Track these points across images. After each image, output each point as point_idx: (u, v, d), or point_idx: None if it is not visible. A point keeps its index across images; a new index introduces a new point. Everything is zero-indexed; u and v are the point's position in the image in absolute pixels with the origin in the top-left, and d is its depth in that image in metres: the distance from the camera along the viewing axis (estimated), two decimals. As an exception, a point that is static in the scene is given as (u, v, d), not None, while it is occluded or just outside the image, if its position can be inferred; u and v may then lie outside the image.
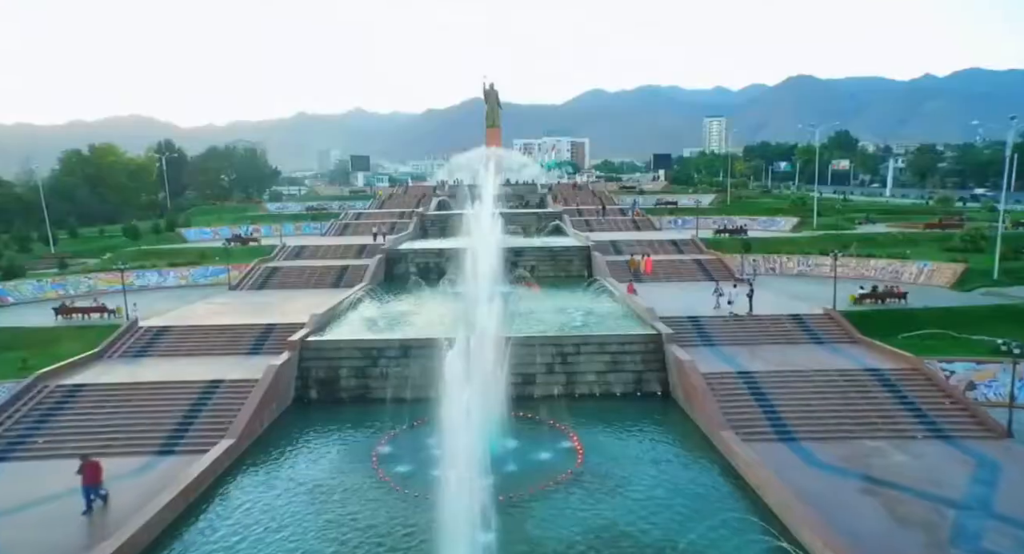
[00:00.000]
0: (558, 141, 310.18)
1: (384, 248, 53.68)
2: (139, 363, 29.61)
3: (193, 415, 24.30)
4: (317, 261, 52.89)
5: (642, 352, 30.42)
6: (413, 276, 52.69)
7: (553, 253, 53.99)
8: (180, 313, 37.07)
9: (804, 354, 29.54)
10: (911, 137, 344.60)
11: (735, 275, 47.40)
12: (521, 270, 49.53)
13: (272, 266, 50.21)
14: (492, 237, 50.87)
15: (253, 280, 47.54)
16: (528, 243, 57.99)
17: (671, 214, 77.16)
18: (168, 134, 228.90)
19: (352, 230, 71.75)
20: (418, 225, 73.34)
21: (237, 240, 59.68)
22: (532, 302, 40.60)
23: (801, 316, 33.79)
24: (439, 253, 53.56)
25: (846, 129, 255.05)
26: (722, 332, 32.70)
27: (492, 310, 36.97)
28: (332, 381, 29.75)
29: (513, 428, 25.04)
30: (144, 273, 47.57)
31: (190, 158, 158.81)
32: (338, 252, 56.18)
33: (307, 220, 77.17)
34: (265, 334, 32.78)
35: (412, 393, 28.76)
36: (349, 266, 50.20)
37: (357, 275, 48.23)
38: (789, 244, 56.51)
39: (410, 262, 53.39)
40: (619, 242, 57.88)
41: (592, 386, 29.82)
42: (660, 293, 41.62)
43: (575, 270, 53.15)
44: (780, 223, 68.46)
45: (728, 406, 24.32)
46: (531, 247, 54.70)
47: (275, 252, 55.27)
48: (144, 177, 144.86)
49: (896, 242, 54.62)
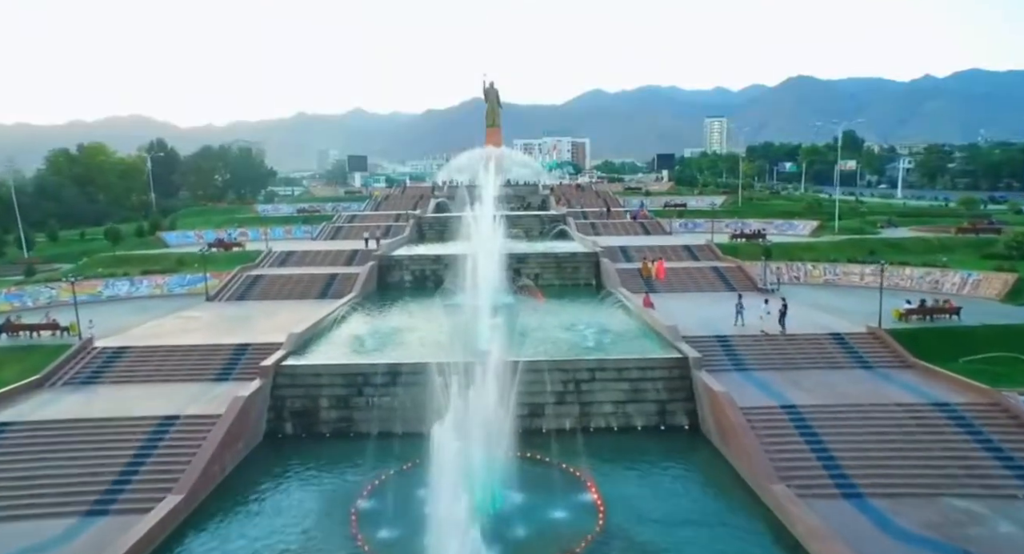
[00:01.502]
0: (559, 141, 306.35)
1: (377, 254, 49.85)
2: (86, 393, 25.73)
3: (139, 461, 20.47)
4: (304, 269, 49.02)
5: (666, 379, 26.63)
6: (408, 285, 49.08)
7: (558, 260, 50.18)
8: (145, 330, 33.17)
9: (852, 382, 25.73)
10: (911, 137, 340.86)
11: (757, 285, 43.63)
12: (524, 279, 45.76)
13: (255, 274, 46.33)
14: (493, 242, 47.31)
15: (233, 290, 43.67)
16: (531, 249, 54.19)
17: (680, 217, 73.31)
18: (167, 134, 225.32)
19: (345, 234, 67.90)
20: (415, 228, 69.49)
21: (219, 245, 55.70)
22: (537, 316, 36.78)
23: (842, 335, 29.96)
24: (436, 260, 49.74)
25: (852, 129, 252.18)
26: (754, 354, 28.89)
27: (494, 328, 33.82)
28: (310, 413, 25.92)
29: (519, 473, 21.28)
30: (114, 282, 43.61)
31: (183, 158, 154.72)
32: (327, 259, 52.32)
33: (298, 223, 73.29)
34: (237, 356, 28.95)
35: (402, 427, 25.04)
36: (338, 275, 46.34)
37: (346, 285, 44.40)
38: (810, 250, 52.66)
39: (405, 270, 49.58)
40: (628, 248, 54.04)
41: (609, 418, 26.02)
42: (677, 306, 37.80)
43: (582, 278, 49.35)
44: (798, 227, 64.58)
45: (774, 450, 20.52)
46: (535, 253, 50.88)
47: (259, 258, 51.40)
48: (135, 177, 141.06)
49: (928, 248, 50.84)
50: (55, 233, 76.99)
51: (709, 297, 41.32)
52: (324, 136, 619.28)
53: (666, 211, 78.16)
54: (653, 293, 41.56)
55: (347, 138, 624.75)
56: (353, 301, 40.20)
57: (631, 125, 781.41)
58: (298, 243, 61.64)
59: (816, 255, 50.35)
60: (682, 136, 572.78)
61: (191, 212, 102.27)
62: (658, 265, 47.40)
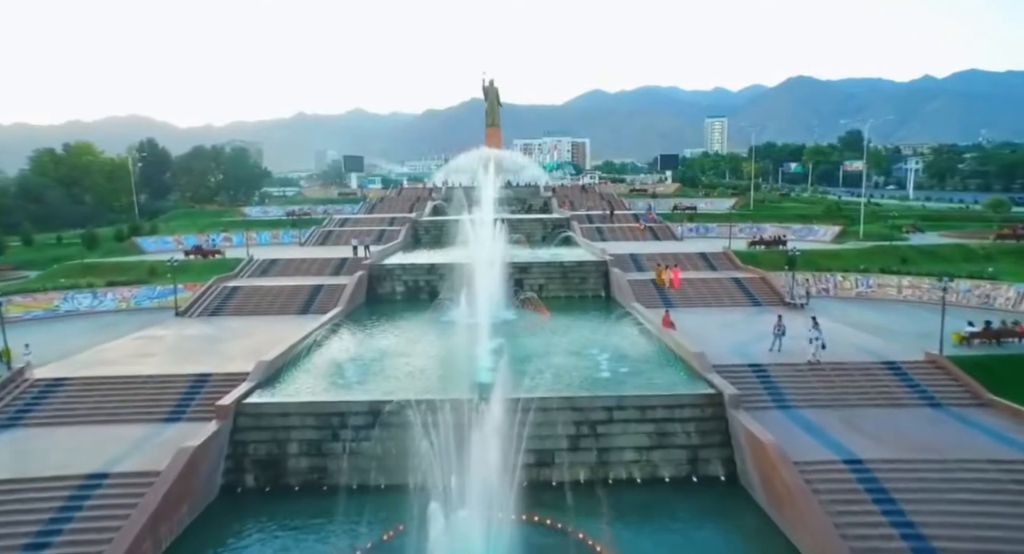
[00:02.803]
0: (559, 141, 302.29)
1: (367, 263, 45.76)
2: (4, 438, 21.56)
3: (45, 539, 16.29)
4: (286, 279, 44.87)
5: (697, 419, 22.54)
6: (400, 298, 45.00)
7: (564, 269, 46.09)
8: (94, 355, 29.01)
9: (922, 426, 21.62)
10: (912, 138, 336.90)
11: (784, 299, 39.55)
12: (527, 292, 41.70)
13: (231, 286, 42.18)
14: (493, 249, 43.28)
15: (206, 304, 39.55)
16: (534, 257, 50.16)
17: (691, 220, 69.25)
18: (166, 134, 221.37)
19: (335, 239, 63.77)
20: (410, 233, 65.49)
21: (197, 252, 51.50)
22: (542, 337, 32.73)
23: (898, 364, 25.85)
24: (431, 269, 45.70)
25: (858, 129, 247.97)
26: (797, 387, 24.77)
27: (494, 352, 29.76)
28: (276, 462, 21.79)
29: (524, 544, 17.26)
30: (74, 295, 39.50)
31: (175, 158, 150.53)
32: (313, 268, 48.18)
33: (287, 227, 69.24)
34: (195, 389, 24.82)
35: (384, 479, 21.02)
36: (323, 286, 42.22)
37: (332, 298, 40.29)
38: (836, 258, 48.65)
39: (397, 280, 45.51)
40: (639, 256, 49.95)
41: (631, 468, 21.91)
42: (699, 324, 33.73)
43: (590, 289, 45.29)
44: (819, 232, 60.50)
45: (842, 523, 16.44)
46: (539, 262, 46.80)
47: (239, 267, 47.26)
48: (124, 178, 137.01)
49: (969, 256, 46.81)
50: (30, 237, 72.84)
51: (733, 313, 37.19)
52: (323, 136, 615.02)
53: (675, 214, 74.12)
54: (671, 308, 37.55)
55: (346, 138, 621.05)
56: (338, 318, 36.15)
57: (631, 125, 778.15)
58: (284, 250, 57.53)
59: (843, 264, 46.36)
60: (682, 136, 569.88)
61: (178, 214, 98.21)
62: (674, 273, 43.50)
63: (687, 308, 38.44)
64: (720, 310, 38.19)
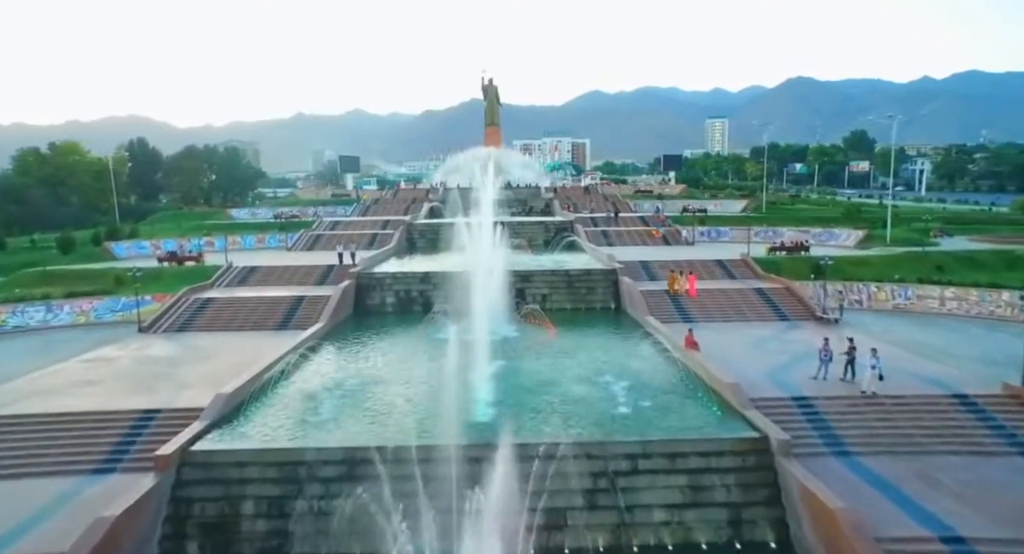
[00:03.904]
0: (559, 142, 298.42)
1: (354, 272, 41.83)
2: None
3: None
4: (266, 290, 40.92)
5: (739, 470, 18.68)
6: (391, 310, 41.08)
7: (570, 278, 42.15)
8: (28, 383, 25.00)
9: (1020, 483, 17.71)
10: (912, 139, 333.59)
11: (815, 313, 35.66)
12: (530, 305, 37.78)
13: (205, 297, 38.23)
14: (493, 256, 39.52)
15: (174, 318, 35.60)
16: (537, 264, 46.29)
17: (702, 224, 65.37)
18: (165, 134, 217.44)
19: (325, 243, 59.81)
20: (404, 237, 61.62)
21: (171, 259, 47.42)
22: (547, 358, 28.84)
23: (971, 398, 21.95)
24: (425, 278, 41.77)
25: (863, 129, 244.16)
26: (853, 427, 20.85)
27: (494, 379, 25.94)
28: (227, 525, 17.85)
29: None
30: (25, 308, 35.54)
31: (166, 158, 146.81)
32: (296, 276, 44.24)
33: (274, 230, 65.32)
34: (138, 428, 20.90)
35: (360, 546, 17.13)
36: (305, 298, 38.29)
37: (314, 311, 36.39)
38: (864, 266, 44.80)
39: (387, 290, 41.56)
40: (651, 263, 46.10)
41: (660, 531, 18.01)
42: (723, 342, 29.91)
43: (599, 301, 41.38)
44: (840, 237, 56.55)
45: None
46: (542, 271, 42.84)
47: (216, 276, 43.31)
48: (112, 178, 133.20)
49: (1012, 263, 42.96)
50: (2, 240, 68.79)
51: (759, 329, 33.27)
52: (323, 136, 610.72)
53: (685, 218, 70.22)
54: (690, 322, 33.73)
55: (346, 138, 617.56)
56: (319, 335, 32.25)
57: (630, 126, 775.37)
58: (268, 255, 53.56)
59: (873, 273, 42.53)
60: (681, 137, 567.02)
61: (164, 217, 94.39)
62: (689, 281, 39.81)
63: (707, 323, 34.58)
64: (745, 326, 34.28)
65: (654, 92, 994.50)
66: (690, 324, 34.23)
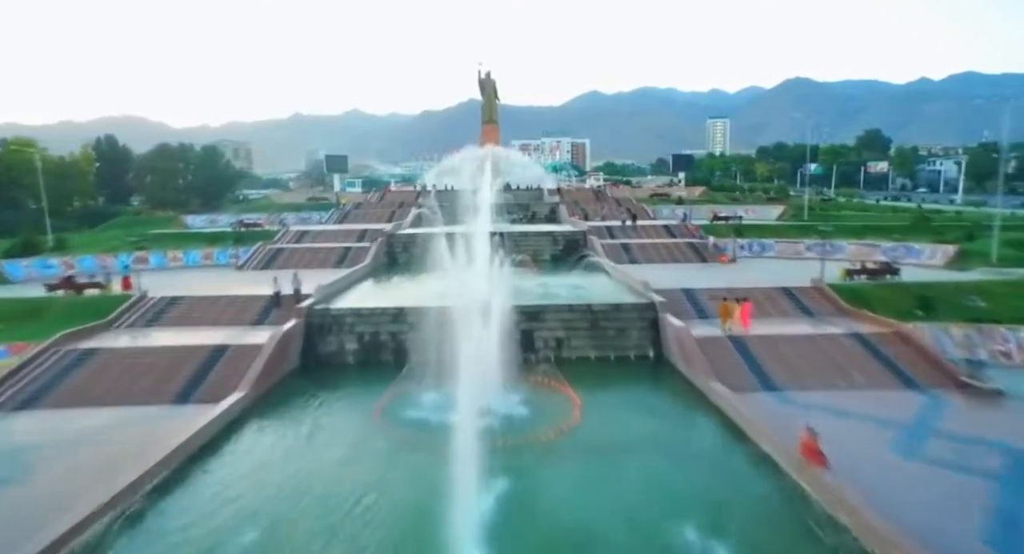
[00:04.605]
0: (559, 142, 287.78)
1: (304, 307, 31.04)
2: None
3: None
4: (182, 333, 30.08)
5: None
6: (352, 361, 30.29)
7: (594, 316, 31.36)
8: None
9: None
10: (912, 140, 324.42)
11: (957, 376, 24.79)
12: (542, 354, 27.11)
13: (83, 348, 27.20)
14: (490, 281, 29.08)
15: (25, 383, 24.65)
16: (546, 291, 35.81)
17: (739, 235, 54.63)
18: (161, 134, 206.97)
19: (285, 260, 49.08)
20: (382, 252, 51.03)
21: (67, 286, 36.28)
22: (574, 471, 18.20)
23: None
24: (398, 316, 30.96)
25: (876, 128, 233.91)
26: None
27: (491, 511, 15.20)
28: None
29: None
30: None
31: (136, 157, 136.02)
32: (230, 310, 33.38)
33: (229, 242, 54.50)
34: None
35: None
36: (228, 348, 27.43)
37: (236, 369, 25.56)
38: (985, 298, 34.01)
39: (348, 333, 30.79)
40: (696, 291, 35.36)
41: None
42: (846, 438, 19.18)
43: (633, 347, 30.70)
44: (923, 253, 45.60)
45: None
46: (556, 307, 31.97)
47: (119, 311, 32.37)
48: (76, 178, 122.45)
49: None
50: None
51: (888, 408, 22.34)
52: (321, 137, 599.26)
53: (716, 227, 59.55)
54: (774, 390, 23.17)
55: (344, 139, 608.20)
56: (231, 414, 21.65)
57: (629, 126, 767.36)
58: (207, 278, 42.70)
59: (1002, 309, 31.72)
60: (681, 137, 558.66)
61: (122, 222, 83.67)
62: (743, 309, 29.50)
63: (800, 391, 23.85)
64: (857, 398, 23.45)
65: (652, 92, 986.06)
66: (777, 394, 23.63)
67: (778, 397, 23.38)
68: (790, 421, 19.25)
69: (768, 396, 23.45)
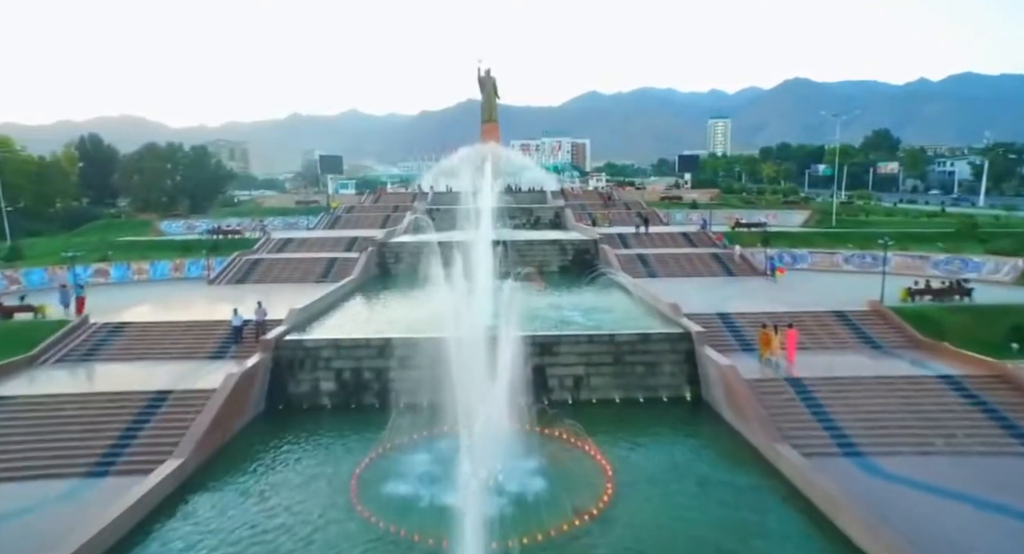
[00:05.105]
0: (560, 142, 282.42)
1: (272, 338, 25.85)
2: None
3: None
4: (117, 373, 24.87)
5: None
6: (327, 404, 25.13)
7: (617, 349, 26.20)
8: None
9: None
10: (912, 140, 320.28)
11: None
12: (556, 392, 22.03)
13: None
14: (498, 306, 24.11)
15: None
16: (560, 316, 30.80)
17: (765, 244, 49.45)
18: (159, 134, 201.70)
19: (263, 272, 43.93)
20: (374, 262, 46.05)
21: (-10, 311, 30.72)
22: None
23: None
24: (384, 349, 25.81)
25: (885, 128, 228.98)
26: None
27: None
28: None
29: None
30: None
31: (122, 157, 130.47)
32: (184, 339, 28.11)
33: (204, 251, 49.19)
34: None
35: None
36: (171, 394, 22.23)
37: (177, 421, 20.39)
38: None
39: (323, 369, 25.66)
40: (732, 315, 30.20)
41: None
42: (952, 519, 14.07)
43: (664, 386, 25.71)
44: (985, 267, 40.12)
45: None
46: (573, 337, 26.76)
47: (48, 342, 27.06)
48: (58, 180, 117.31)
49: None
50: None
51: (1005, 476, 17.35)
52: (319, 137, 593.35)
53: (738, 234, 54.37)
54: (856, 455, 18.17)
55: (342, 139, 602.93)
56: (162, 490, 16.58)
57: (628, 127, 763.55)
58: (169, 296, 37.48)
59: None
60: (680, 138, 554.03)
61: (94, 227, 78.32)
62: (788, 338, 24.59)
63: (890, 457, 18.76)
64: (969, 467, 18.29)
65: (651, 93, 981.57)
66: (861, 461, 18.56)
67: (862, 465, 18.31)
68: (890, 506, 14.26)
69: (849, 464, 18.38)
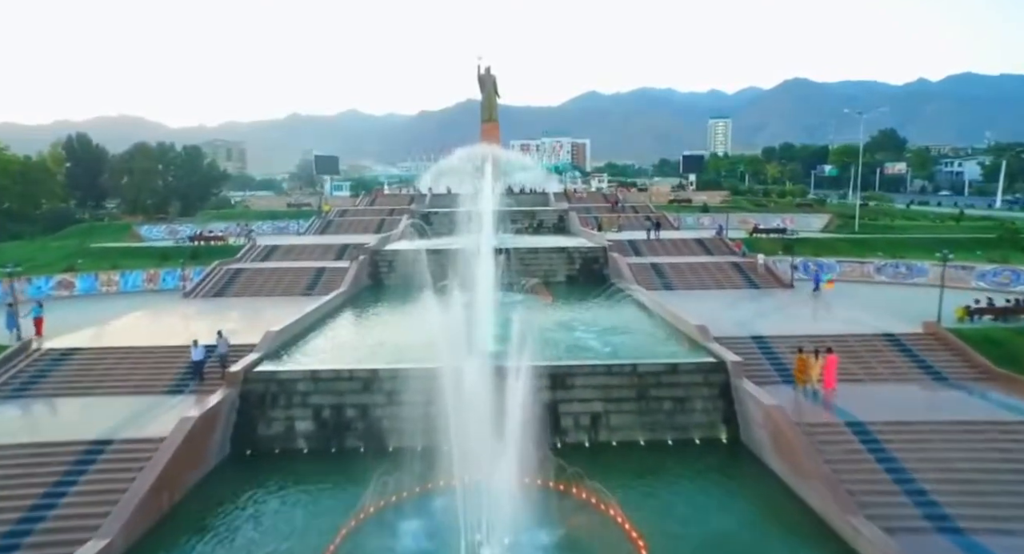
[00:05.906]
0: (560, 142, 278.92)
1: (239, 370, 22.18)
2: None
3: None
4: (52, 415, 21.24)
5: None
6: (304, 446, 21.49)
7: (641, 382, 22.50)
8: None
9: None
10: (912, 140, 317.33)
11: None
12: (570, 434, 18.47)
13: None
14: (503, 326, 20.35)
15: None
16: (571, 338, 27.07)
17: (787, 252, 45.81)
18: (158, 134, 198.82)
19: (244, 284, 40.29)
20: (365, 272, 42.47)
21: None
22: None
23: None
24: (370, 382, 22.16)
25: (892, 127, 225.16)
26: None
27: None
28: None
29: None
30: None
31: (111, 157, 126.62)
32: (141, 368, 24.40)
33: (183, 260, 45.48)
34: None
35: None
36: (111, 444, 18.55)
37: (113, 482, 16.76)
38: None
39: (298, 406, 21.98)
40: (768, 339, 26.55)
41: None
42: None
43: (697, 427, 22.10)
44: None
45: None
46: (590, 368, 23.03)
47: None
48: (46, 181, 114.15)
49: None
50: None
51: None
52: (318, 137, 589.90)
53: (760, 242, 50.74)
54: (951, 531, 14.47)
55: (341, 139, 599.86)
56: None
57: (627, 127, 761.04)
58: (139, 310, 33.81)
59: None
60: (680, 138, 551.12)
61: (76, 231, 74.49)
62: (828, 363, 21.15)
63: (995, 535, 15.11)
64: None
65: (651, 93, 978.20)
66: (958, 538, 14.94)
67: (965, 546, 14.64)
68: None
69: (949, 545, 14.71)
